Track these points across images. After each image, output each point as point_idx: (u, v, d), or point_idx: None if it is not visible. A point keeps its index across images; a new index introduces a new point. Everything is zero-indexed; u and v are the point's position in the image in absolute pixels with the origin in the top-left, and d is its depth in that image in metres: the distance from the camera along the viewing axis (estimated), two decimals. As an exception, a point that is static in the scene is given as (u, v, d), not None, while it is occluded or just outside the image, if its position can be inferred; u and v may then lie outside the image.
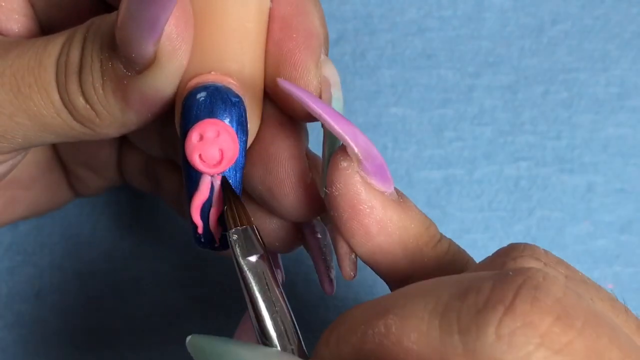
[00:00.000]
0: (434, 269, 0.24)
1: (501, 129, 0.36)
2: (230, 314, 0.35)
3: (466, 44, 0.36)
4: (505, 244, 0.36)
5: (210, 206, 0.24)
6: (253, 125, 0.25)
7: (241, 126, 0.24)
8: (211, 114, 0.23)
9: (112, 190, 0.36)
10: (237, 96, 0.24)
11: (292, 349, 0.22)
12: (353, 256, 0.25)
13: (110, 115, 0.24)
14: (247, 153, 0.25)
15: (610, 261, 0.36)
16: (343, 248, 0.25)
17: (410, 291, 0.21)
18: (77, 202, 0.36)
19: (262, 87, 0.25)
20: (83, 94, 0.24)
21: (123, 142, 0.32)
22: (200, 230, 0.24)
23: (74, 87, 0.24)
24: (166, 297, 0.35)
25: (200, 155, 0.23)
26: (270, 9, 0.25)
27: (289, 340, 0.23)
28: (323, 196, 0.24)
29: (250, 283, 0.23)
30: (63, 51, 0.24)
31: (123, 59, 0.23)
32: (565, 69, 0.36)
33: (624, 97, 0.36)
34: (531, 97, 0.36)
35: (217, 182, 0.24)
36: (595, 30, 0.36)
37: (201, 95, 0.23)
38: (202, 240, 0.24)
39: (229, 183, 0.24)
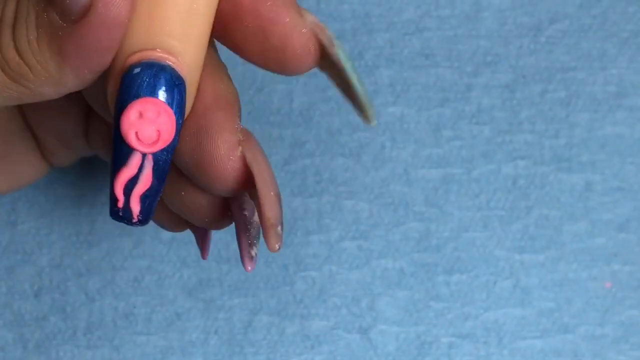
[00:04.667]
0: None
1: (499, 128, 0.36)
2: (231, 314, 0.35)
3: (464, 43, 0.36)
4: (503, 242, 0.36)
5: (136, 183, 0.24)
6: (187, 108, 0.24)
7: (180, 109, 0.23)
8: (153, 93, 0.23)
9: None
10: (181, 78, 0.23)
11: None
12: (279, 229, 0.25)
13: (44, 70, 0.23)
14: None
15: (609, 260, 0.36)
16: (269, 220, 0.25)
17: None
18: (75, 201, 0.36)
19: (201, 71, 0.25)
20: (16, 48, 0.23)
21: (90, 110, 0.31)
22: (120, 204, 0.24)
23: (6, 41, 0.23)
24: (166, 297, 0.36)
25: (136, 133, 0.23)
26: None
27: None
28: (372, 122, 0.25)
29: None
30: None
31: (59, 8, 0.22)
32: (563, 68, 0.36)
33: (622, 95, 0.36)
34: (529, 96, 0.36)
35: (148, 163, 0.24)
36: (593, 29, 0.36)
37: (145, 72, 0.23)
38: (120, 214, 0.24)
39: None
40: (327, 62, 0.25)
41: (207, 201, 0.27)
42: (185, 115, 0.25)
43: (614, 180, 0.36)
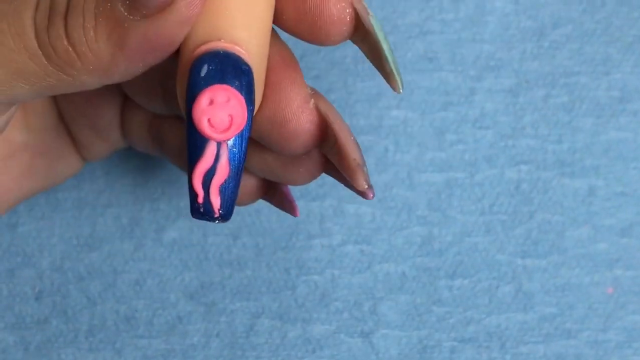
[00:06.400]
0: None
1: (502, 132, 0.36)
2: (233, 318, 0.35)
3: (468, 47, 0.36)
4: (506, 247, 0.36)
5: (213, 175, 0.24)
6: (257, 96, 0.25)
7: (249, 95, 0.24)
8: (222, 80, 0.23)
9: (112, 191, 0.36)
10: (247, 65, 0.24)
11: None
12: (365, 169, 0.26)
13: (96, 59, 0.23)
14: None
15: (611, 265, 0.36)
16: (355, 161, 0.25)
17: None
18: (76, 203, 0.36)
19: (267, 59, 0.25)
20: (67, 36, 0.23)
21: (126, 102, 0.32)
22: (200, 199, 0.24)
23: (57, 28, 0.23)
24: (168, 301, 0.35)
25: (209, 120, 0.23)
26: None
27: None
28: (399, 91, 0.25)
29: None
30: None
31: (127, 1, 0.23)
32: (566, 73, 0.36)
33: (625, 100, 0.36)
34: (532, 100, 0.36)
35: (224, 151, 0.24)
36: (597, 34, 0.36)
37: (212, 61, 0.23)
38: (201, 210, 0.24)
39: None
40: (360, 32, 0.25)
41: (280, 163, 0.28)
42: (257, 105, 0.25)
43: (617, 185, 0.36)
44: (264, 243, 0.36)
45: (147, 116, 0.31)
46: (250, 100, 0.24)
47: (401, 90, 0.25)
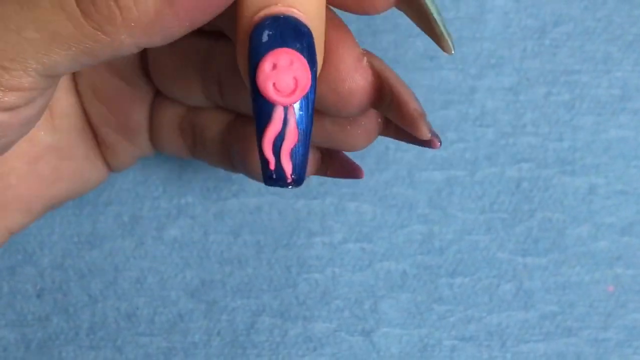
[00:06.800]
0: None
1: (503, 130, 0.36)
2: (234, 316, 0.35)
3: (468, 46, 0.36)
4: (506, 245, 0.36)
5: (283, 140, 0.24)
6: (319, 58, 0.25)
7: (312, 56, 0.24)
8: (283, 43, 0.23)
9: (113, 189, 0.36)
10: (306, 26, 0.23)
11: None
12: (427, 119, 0.25)
13: (139, 14, 0.23)
14: None
15: (611, 263, 0.36)
16: (416, 111, 0.25)
17: None
18: (77, 201, 0.36)
19: (324, 21, 0.25)
20: None
21: (155, 100, 0.31)
22: (272, 166, 0.24)
23: None
24: (169, 298, 0.35)
25: (274, 85, 0.23)
26: None
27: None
28: (451, 52, 0.25)
29: None
30: None
31: None
32: (567, 71, 0.36)
33: (626, 99, 0.36)
34: (533, 98, 0.36)
35: (291, 115, 0.24)
36: (598, 32, 0.36)
37: (272, 25, 0.23)
38: (274, 176, 0.24)
39: None
40: None
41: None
42: (319, 67, 0.25)
43: (617, 184, 0.36)
44: (265, 241, 0.36)
45: (178, 114, 0.31)
46: (313, 62, 0.24)
47: (453, 52, 0.25)
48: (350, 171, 0.30)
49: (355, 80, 0.25)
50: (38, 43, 0.23)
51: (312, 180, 0.36)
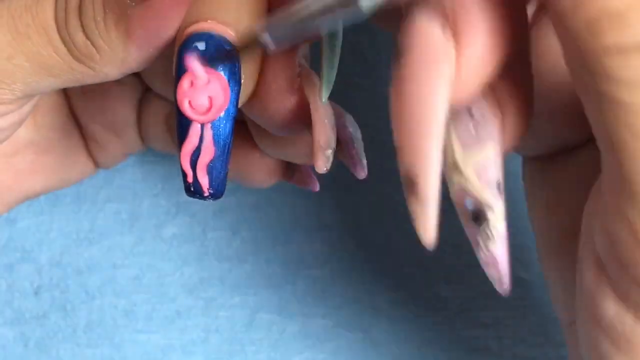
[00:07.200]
0: None
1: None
2: (232, 312, 0.35)
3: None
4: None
5: (199, 155, 0.24)
6: (249, 79, 0.25)
7: (233, 75, 0.24)
8: (204, 61, 0.23)
9: (111, 186, 0.36)
10: (231, 45, 0.24)
11: None
12: (328, 152, 0.26)
13: (111, 50, 0.24)
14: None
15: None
16: (317, 143, 0.26)
17: None
18: (74, 198, 0.36)
19: None
20: (83, 29, 0.24)
21: (143, 95, 0.32)
22: (189, 179, 0.25)
23: (74, 23, 0.24)
24: (167, 295, 0.35)
25: (189, 102, 0.24)
26: None
27: None
28: (324, 102, 0.25)
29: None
30: None
31: None
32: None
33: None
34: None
35: (207, 132, 0.24)
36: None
37: (195, 43, 0.23)
38: (192, 189, 0.25)
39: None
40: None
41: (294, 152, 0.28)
42: (252, 85, 0.25)
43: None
44: (263, 238, 0.36)
45: (165, 109, 0.31)
46: (235, 81, 0.24)
47: (324, 101, 0.26)
48: (308, 183, 0.31)
49: (282, 101, 0.25)
50: (27, 71, 0.24)
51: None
